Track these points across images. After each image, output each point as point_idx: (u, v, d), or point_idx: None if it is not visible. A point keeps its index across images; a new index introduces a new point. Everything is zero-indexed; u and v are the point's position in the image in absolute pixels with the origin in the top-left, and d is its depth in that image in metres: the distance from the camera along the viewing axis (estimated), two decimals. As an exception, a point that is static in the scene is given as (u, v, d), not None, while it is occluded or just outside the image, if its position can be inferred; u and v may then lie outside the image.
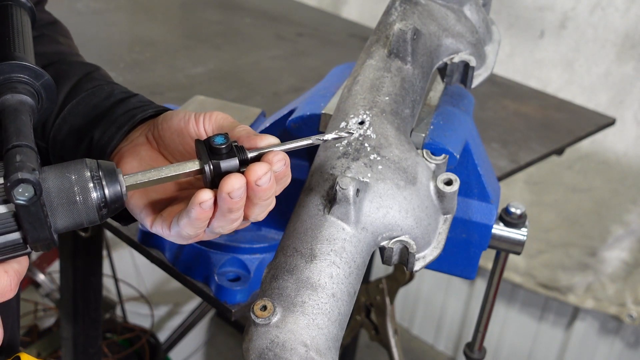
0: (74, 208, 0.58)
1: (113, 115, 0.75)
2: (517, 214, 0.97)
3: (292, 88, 1.64)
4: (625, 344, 2.39)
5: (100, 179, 0.59)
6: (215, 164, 0.62)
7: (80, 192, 0.57)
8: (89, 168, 0.58)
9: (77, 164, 0.58)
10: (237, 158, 0.63)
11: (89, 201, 0.58)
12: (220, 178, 0.62)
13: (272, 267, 0.69)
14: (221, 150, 0.62)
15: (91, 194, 0.58)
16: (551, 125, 1.66)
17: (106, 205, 0.59)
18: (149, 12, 2.10)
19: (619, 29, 2.06)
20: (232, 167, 0.62)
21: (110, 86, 0.80)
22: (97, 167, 0.59)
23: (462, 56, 0.93)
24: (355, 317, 1.79)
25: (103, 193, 0.59)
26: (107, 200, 0.59)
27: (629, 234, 2.22)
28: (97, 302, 1.50)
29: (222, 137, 0.63)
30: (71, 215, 0.58)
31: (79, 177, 0.58)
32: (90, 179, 0.58)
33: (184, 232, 0.64)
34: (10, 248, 0.56)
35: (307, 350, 0.62)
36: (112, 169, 0.60)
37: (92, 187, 0.58)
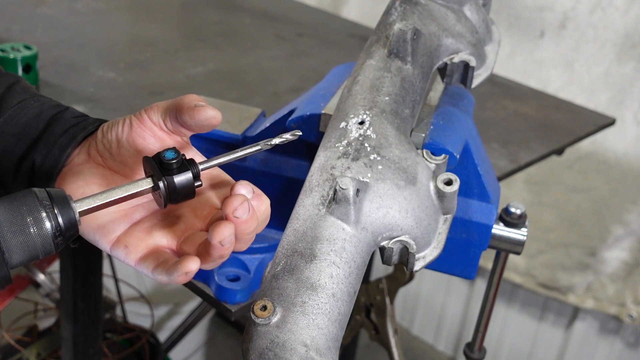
0: (28, 240, 0.56)
1: (52, 136, 0.72)
2: (517, 214, 0.97)
3: (292, 88, 1.64)
4: (625, 344, 2.39)
5: (52, 208, 0.57)
6: (169, 180, 0.61)
7: (33, 223, 0.56)
8: (39, 198, 0.57)
9: (25, 195, 0.57)
10: (190, 172, 0.62)
11: (44, 231, 0.56)
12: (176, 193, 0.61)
13: (272, 267, 0.69)
14: (172, 165, 0.61)
15: (45, 224, 0.56)
16: (551, 125, 1.66)
17: (61, 233, 0.57)
18: (149, 12, 2.10)
19: (619, 29, 2.06)
20: (187, 182, 0.61)
21: (36, 100, 0.76)
22: (48, 196, 0.57)
23: (462, 56, 0.93)
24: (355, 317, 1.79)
25: (57, 222, 0.57)
26: (61, 228, 0.57)
27: (629, 234, 2.22)
28: (97, 302, 1.50)
29: (171, 151, 0.62)
30: (26, 248, 0.56)
31: (30, 208, 0.56)
32: (43, 209, 0.56)
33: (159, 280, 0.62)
34: None
35: (307, 350, 0.62)
36: (63, 196, 0.58)
37: (45, 217, 0.56)
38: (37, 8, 1.93)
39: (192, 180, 0.62)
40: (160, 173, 0.61)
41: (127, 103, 1.46)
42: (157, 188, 0.62)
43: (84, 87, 1.49)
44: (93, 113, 1.39)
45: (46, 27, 1.80)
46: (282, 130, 0.97)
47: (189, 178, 0.61)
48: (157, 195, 0.63)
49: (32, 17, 1.86)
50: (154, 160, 0.62)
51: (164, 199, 0.62)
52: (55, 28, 1.81)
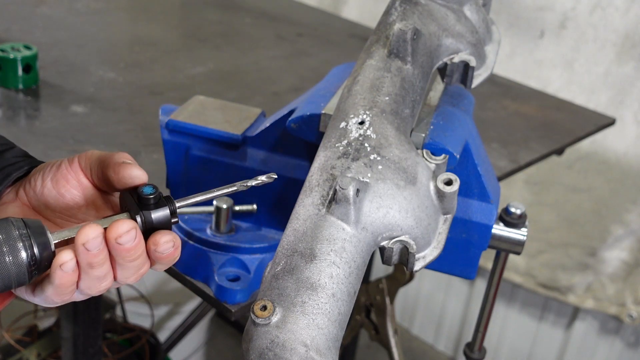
0: (3, 269, 0.55)
1: None
2: (517, 214, 0.97)
3: (292, 88, 1.64)
4: (625, 344, 2.39)
5: (29, 237, 0.56)
6: (147, 215, 0.61)
7: (9, 252, 0.55)
8: (15, 226, 0.56)
9: (2, 224, 0.56)
10: (167, 207, 0.61)
11: (19, 260, 0.56)
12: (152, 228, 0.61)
13: (272, 267, 0.69)
14: (150, 201, 0.61)
15: (20, 253, 0.56)
16: (551, 125, 1.66)
17: (36, 263, 0.57)
18: (149, 12, 2.10)
19: (619, 29, 2.06)
20: (164, 217, 0.61)
21: None
22: (24, 225, 0.57)
23: (462, 56, 0.93)
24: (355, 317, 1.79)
25: (32, 252, 0.56)
26: (37, 258, 0.57)
27: (629, 234, 2.22)
28: (97, 302, 1.50)
29: (150, 187, 0.62)
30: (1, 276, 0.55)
31: (7, 237, 0.55)
32: (19, 238, 0.56)
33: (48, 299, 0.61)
34: None
35: (307, 350, 0.62)
36: (39, 226, 0.58)
37: (21, 247, 0.56)
38: (37, 8, 1.93)
39: (169, 216, 0.61)
40: (138, 207, 0.61)
41: (127, 103, 1.46)
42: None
43: (84, 87, 1.49)
44: (93, 113, 1.39)
45: (46, 27, 1.80)
46: (281, 130, 0.97)
47: (167, 214, 0.61)
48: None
49: (32, 17, 1.86)
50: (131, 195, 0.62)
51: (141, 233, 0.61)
52: (55, 28, 1.81)
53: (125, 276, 0.62)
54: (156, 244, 0.61)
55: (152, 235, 0.61)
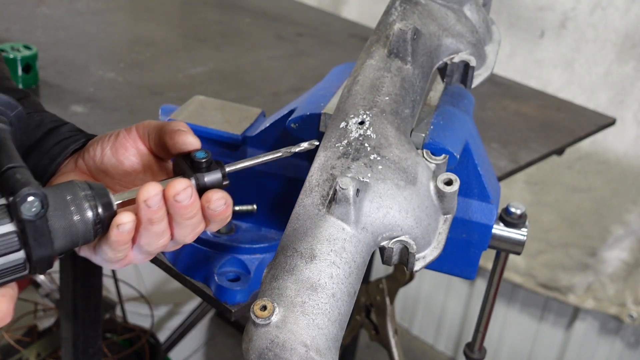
0: (72, 227, 0.59)
1: (45, 146, 0.75)
2: (517, 214, 0.97)
3: (292, 88, 1.64)
4: (626, 344, 2.39)
5: (93, 198, 0.61)
6: (200, 177, 0.65)
7: (76, 211, 0.59)
8: (81, 188, 0.60)
9: (68, 185, 0.60)
10: (219, 171, 0.65)
11: (86, 219, 0.60)
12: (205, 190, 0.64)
13: (272, 267, 0.69)
14: (202, 165, 0.65)
15: (87, 212, 0.60)
16: (551, 125, 1.66)
17: (100, 222, 0.61)
18: (149, 12, 2.10)
19: (619, 29, 2.06)
20: (216, 180, 0.65)
21: (39, 115, 0.80)
22: (89, 187, 0.61)
23: (462, 56, 0.93)
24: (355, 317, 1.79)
25: (97, 211, 0.61)
26: (101, 217, 0.61)
27: (629, 234, 2.22)
28: (97, 302, 1.50)
29: (202, 152, 0.66)
30: (69, 234, 0.59)
31: (74, 197, 0.60)
32: (85, 198, 0.60)
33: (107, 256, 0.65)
34: (11, 269, 0.56)
35: (307, 351, 0.62)
36: (102, 188, 0.62)
37: (87, 206, 0.60)
38: (37, 8, 1.93)
39: (220, 179, 0.66)
40: (192, 171, 0.65)
41: (127, 103, 1.46)
42: None
43: (84, 87, 1.49)
44: (93, 113, 1.39)
45: (46, 27, 1.80)
46: (281, 130, 0.97)
47: (218, 177, 0.66)
48: None
49: (32, 17, 1.86)
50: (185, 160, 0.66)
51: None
52: (55, 28, 1.81)
53: (182, 235, 0.66)
54: (209, 201, 0.64)
55: (204, 194, 0.65)
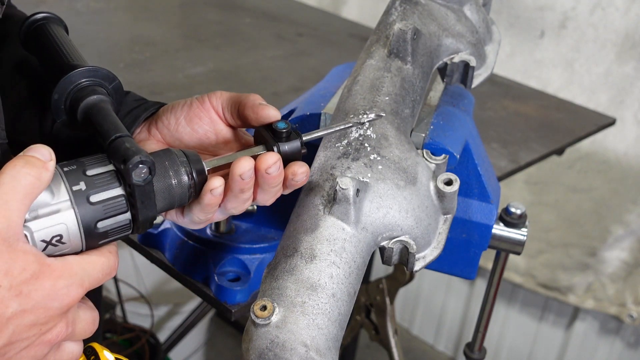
0: (170, 189, 0.65)
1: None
2: (517, 214, 0.97)
3: (292, 88, 1.64)
4: (626, 344, 2.39)
5: (188, 164, 0.66)
6: (282, 146, 0.69)
7: (174, 175, 0.65)
8: (177, 155, 0.66)
9: (167, 152, 0.66)
10: (298, 140, 0.70)
11: (182, 183, 0.65)
12: (287, 157, 0.69)
13: (272, 267, 0.69)
14: (283, 134, 0.69)
15: (183, 177, 0.65)
16: (551, 125, 1.66)
17: (194, 186, 0.66)
18: (149, 12, 2.10)
19: (619, 29, 2.06)
20: (296, 148, 0.70)
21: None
22: (184, 154, 0.66)
23: (462, 56, 0.93)
24: (355, 317, 1.79)
25: (192, 176, 0.66)
26: (195, 182, 0.66)
27: (629, 234, 2.22)
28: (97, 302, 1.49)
29: (283, 122, 0.70)
30: (168, 196, 0.65)
31: (172, 163, 0.65)
32: (181, 164, 0.65)
33: (196, 217, 0.70)
34: (118, 229, 0.62)
35: (307, 351, 0.62)
36: (195, 155, 0.67)
37: (184, 171, 0.65)
38: (37, 8, 1.92)
39: (299, 147, 0.70)
40: (274, 140, 0.69)
41: (127, 103, 1.45)
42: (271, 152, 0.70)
43: (84, 87, 1.49)
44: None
45: (46, 27, 1.79)
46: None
47: (297, 145, 0.70)
48: None
49: (32, 17, 1.86)
50: (267, 129, 0.71)
51: None
52: (55, 28, 1.80)
53: (264, 199, 0.71)
54: (294, 173, 0.69)
55: (290, 166, 0.70)
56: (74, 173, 0.60)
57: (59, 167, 0.60)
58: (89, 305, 0.63)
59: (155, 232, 1.05)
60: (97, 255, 0.61)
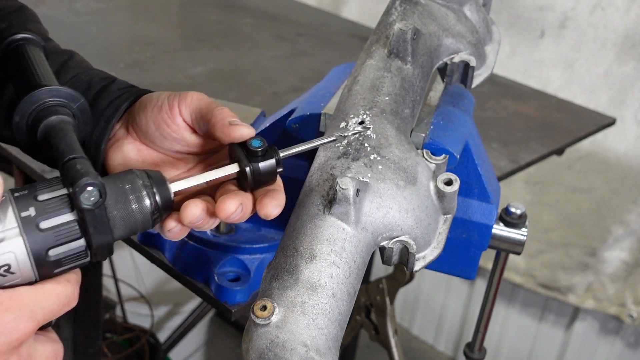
0: (130, 216, 0.61)
1: (98, 109, 0.76)
2: (517, 214, 0.97)
3: (292, 88, 1.64)
4: (626, 344, 2.39)
5: (151, 187, 0.62)
6: (255, 166, 0.66)
7: (135, 200, 0.61)
8: (139, 177, 0.62)
9: (127, 174, 0.62)
10: (274, 159, 0.67)
11: (144, 208, 0.61)
12: (260, 177, 0.66)
13: (272, 267, 0.69)
14: (258, 153, 0.66)
15: (145, 202, 0.61)
16: (551, 125, 1.66)
17: (158, 210, 0.63)
18: (149, 12, 2.10)
19: (619, 29, 2.06)
20: (270, 167, 0.67)
21: (87, 74, 0.80)
22: (147, 176, 0.63)
23: (462, 56, 0.93)
24: (355, 317, 1.79)
25: (155, 200, 0.62)
26: (159, 206, 0.63)
27: (629, 234, 2.22)
28: (97, 302, 1.50)
29: (258, 140, 0.67)
30: (127, 222, 0.61)
31: (132, 187, 0.61)
32: (143, 187, 0.62)
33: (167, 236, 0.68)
34: (73, 257, 0.58)
35: (307, 351, 0.62)
36: (160, 177, 0.64)
37: (145, 195, 0.61)
38: (37, 8, 1.92)
39: (275, 166, 0.67)
40: (247, 160, 0.66)
41: (127, 103, 1.45)
42: (243, 173, 0.67)
43: (84, 87, 1.49)
44: (93, 113, 1.39)
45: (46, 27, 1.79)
46: (281, 130, 0.97)
47: (272, 164, 0.67)
48: (241, 179, 0.68)
49: (32, 17, 1.86)
50: (241, 147, 0.68)
51: (249, 183, 0.67)
52: (55, 28, 1.80)
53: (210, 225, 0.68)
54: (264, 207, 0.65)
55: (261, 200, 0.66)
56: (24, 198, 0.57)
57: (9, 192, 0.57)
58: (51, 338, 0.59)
59: (156, 232, 1.05)
60: (53, 284, 0.57)
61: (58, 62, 0.81)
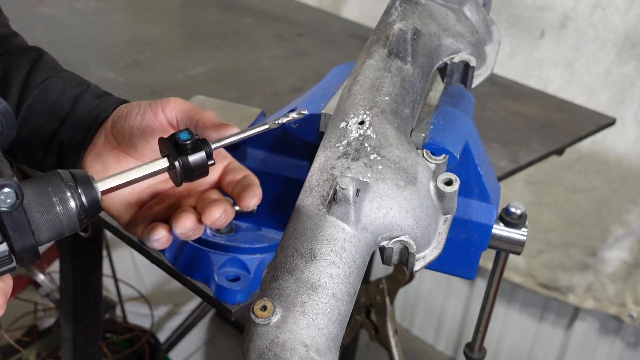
0: (55, 218, 0.59)
1: (77, 117, 0.76)
2: (517, 214, 0.97)
3: (292, 88, 1.64)
4: (626, 344, 2.39)
5: (76, 188, 0.60)
6: (185, 160, 0.65)
7: (59, 202, 0.59)
8: (63, 179, 0.60)
9: (50, 176, 0.60)
10: (203, 151, 0.66)
11: (69, 210, 0.59)
12: (190, 172, 0.65)
13: (272, 267, 0.69)
14: (187, 146, 0.65)
15: (69, 203, 0.59)
16: (551, 125, 1.66)
17: (85, 211, 0.61)
18: (149, 12, 2.10)
19: (619, 29, 2.06)
20: (201, 160, 0.66)
21: (60, 77, 0.80)
22: (72, 177, 0.61)
23: (462, 56, 0.93)
24: (355, 317, 1.79)
25: (81, 201, 0.60)
26: (85, 207, 0.61)
27: (629, 234, 2.22)
28: (97, 302, 1.50)
29: (186, 132, 0.66)
30: (53, 225, 0.59)
31: (55, 188, 0.59)
32: (67, 189, 0.60)
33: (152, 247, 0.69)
34: None
35: (307, 351, 0.62)
36: (85, 176, 0.62)
37: (69, 196, 0.59)
38: (37, 8, 1.93)
39: (205, 159, 0.66)
40: (176, 153, 0.65)
41: (127, 103, 1.45)
42: (172, 167, 0.66)
43: (83, 87, 1.49)
44: (93, 113, 1.39)
45: (46, 27, 1.80)
46: (281, 130, 0.97)
47: (203, 157, 0.66)
48: (172, 174, 0.67)
49: (32, 17, 1.86)
50: (169, 141, 0.66)
51: (179, 177, 0.66)
52: (55, 28, 1.80)
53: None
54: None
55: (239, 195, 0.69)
56: None
57: None
58: None
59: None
60: None
61: (28, 63, 0.80)
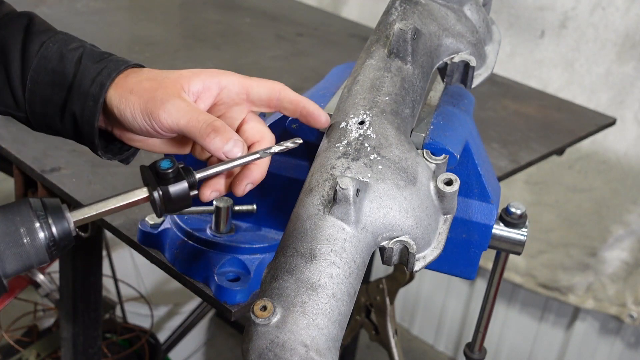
0: (22, 250, 0.56)
1: (82, 87, 0.75)
2: (517, 214, 0.97)
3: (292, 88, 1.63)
4: (626, 344, 2.39)
5: (46, 218, 0.57)
6: (164, 190, 0.61)
7: (26, 233, 0.56)
8: (33, 208, 0.57)
9: (20, 205, 0.57)
10: (185, 181, 0.62)
11: (37, 242, 0.57)
12: (171, 203, 0.61)
13: (272, 267, 0.69)
14: (168, 175, 0.62)
15: (38, 235, 0.57)
16: (551, 125, 1.66)
17: (55, 243, 0.58)
18: (149, 12, 2.10)
19: (619, 28, 2.06)
20: (182, 191, 0.62)
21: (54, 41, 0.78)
22: (42, 206, 0.58)
23: (462, 56, 0.93)
24: (355, 317, 1.78)
25: (51, 232, 0.57)
26: (55, 238, 0.58)
27: (629, 234, 2.22)
28: (96, 302, 1.50)
29: (168, 161, 0.62)
30: (20, 258, 0.56)
31: (23, 219, 0.56)
32: (36, 219, 0.57)
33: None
34: None
35: (307, 351, 0.62)
36: (57, 206, 0.59)
37: (38, 227, 0.57)
38: (37, 8, 1.92)
39: (187, 190, 0.62)
40: (156, 183, 0.61)
41: (127, 103, 1.45)
42: (152, 198, 0.62)
43: (83, 87, 1.49)
44: (93, 113, 1.39)
45: (46, 27, 1.79)
46: (282, 130, 0.97)
47: (184, 188, 0.62)
48: (153, 203, 0.63)
49: (32, 17, 1.86)
50: (150, 170, 0.62)
51: (159, 208, 0.62)
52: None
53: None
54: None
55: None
56: None
57: None
58: None
59: (155, 232, 1.05)
60: None
61: (21, 29, 0.78)
